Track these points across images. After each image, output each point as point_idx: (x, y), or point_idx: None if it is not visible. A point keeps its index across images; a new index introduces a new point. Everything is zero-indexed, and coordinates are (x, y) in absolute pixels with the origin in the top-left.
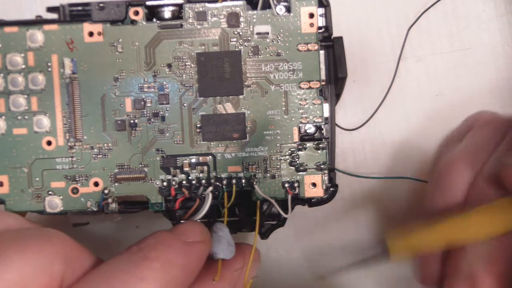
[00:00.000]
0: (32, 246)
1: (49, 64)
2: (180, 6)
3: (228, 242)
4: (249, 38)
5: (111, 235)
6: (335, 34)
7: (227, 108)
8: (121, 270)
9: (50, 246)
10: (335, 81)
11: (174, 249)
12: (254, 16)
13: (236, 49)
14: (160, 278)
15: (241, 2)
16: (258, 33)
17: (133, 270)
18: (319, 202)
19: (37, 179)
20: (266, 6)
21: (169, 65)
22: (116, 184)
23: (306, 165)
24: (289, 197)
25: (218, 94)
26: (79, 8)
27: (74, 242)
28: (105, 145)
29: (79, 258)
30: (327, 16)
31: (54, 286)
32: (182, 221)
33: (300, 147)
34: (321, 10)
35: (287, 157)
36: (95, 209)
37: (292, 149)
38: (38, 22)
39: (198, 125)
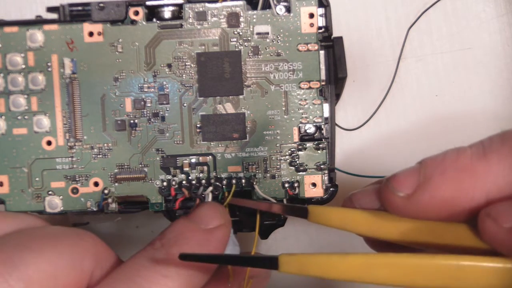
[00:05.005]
0: (66, 242)
1: (49, 64)
2: (180, 6)
3: (234, 242)
4: (249, 38)
5: (111, 235)
6: (335, 34)
7: (227, 108)
8: (145, 267)
9: (82, 244)
10: (335, 81)
11: (195, 241)
12: (254, 16)
13: (236, 49)
14: (183, 273)
15: (241, 2)
16: (258, 33)
17: (156, 267)
18: (319, 202)
19: (37, 179)
20: (266, 6)
21: (169, 65)
22: (116, 184)
23: (306, 165)
24: (285, 199)
25: (218, 94)
26: (79, 8)
27: (102, 242)
28: (105, 145)
29: (107, 257)
30: (327, 16)
31: (84, 281)
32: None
33: (300, 147)
34: (321, 10)
35: (287, 157)
36: (95, 209)
37: (292, 149)
38: (38, 22)
39: (198, 125)
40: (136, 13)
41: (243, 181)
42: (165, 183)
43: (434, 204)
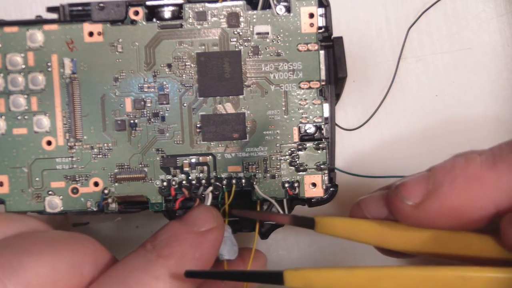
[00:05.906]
0: (66, 247)
1: (49, 64)
2: (180, 6)
3: (232, 242)
4: (249, 38)
5: (111, 235)
6: (335, 34)
7: (227, 108)
8: (136, 269)
9: (83, 249)
10: (335, 81)
11: (188, 243)
12: (254, 16)
13: (236, 49)
14: (175, 276)
15: (241, 2)
16: (258, 33)
17: (147, 269)
18: (319, 202)
19: (37, 179)
20: (266, 6)
21: (169, 65)
22: (116, 184)
23: (306, 165)
24: (285, 199)
25: (218, 94)
26: (79, 8)
27: (102, 247)
28: (105, 145)
29: (107, 262)
30: (327, 16)
31: (83, 286)
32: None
33: (300, 147)
34: (321, 10)
35: (287, 157)
36: (95, 209)
37: (292, 149)
38: (38, 22)
39: (198, 125)
40: (136, 13)
41: (243, 181)
42: (165, 183)
43: (443, 213)
